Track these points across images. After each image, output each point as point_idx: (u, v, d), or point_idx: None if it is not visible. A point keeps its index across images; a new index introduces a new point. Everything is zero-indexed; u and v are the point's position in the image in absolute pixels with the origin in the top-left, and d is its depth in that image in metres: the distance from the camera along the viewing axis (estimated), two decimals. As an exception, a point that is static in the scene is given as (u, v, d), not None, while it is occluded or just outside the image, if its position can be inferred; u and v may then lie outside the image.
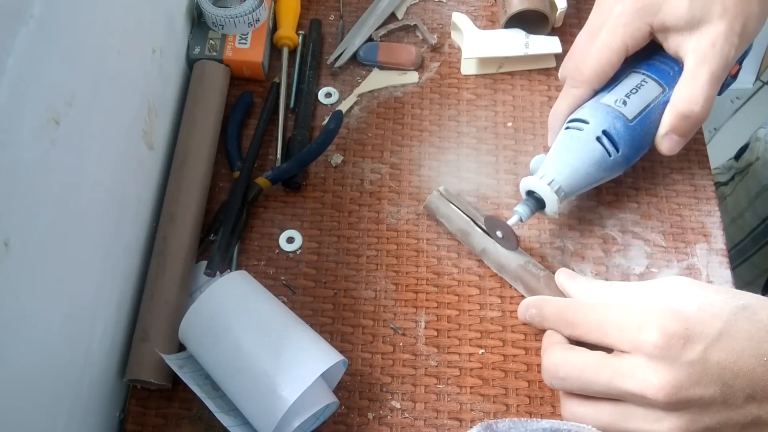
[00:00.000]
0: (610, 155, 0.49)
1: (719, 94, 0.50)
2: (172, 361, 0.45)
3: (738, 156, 0.81)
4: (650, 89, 0.50)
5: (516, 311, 0.49)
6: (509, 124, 0.59)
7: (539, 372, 0.48)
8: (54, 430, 0.40)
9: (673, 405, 0.37)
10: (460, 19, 0.61)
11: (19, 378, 0.36)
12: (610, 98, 0.50)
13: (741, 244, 0.80)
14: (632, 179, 0.55)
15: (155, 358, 0.46)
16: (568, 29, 0.62)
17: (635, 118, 0.49)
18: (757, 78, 1.60)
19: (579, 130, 0.50)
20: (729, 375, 0.37)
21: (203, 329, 0.44)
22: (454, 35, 0.63)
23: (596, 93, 0.52)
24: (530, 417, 0.47)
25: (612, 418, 0.40)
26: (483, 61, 0.61)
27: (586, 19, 0.53)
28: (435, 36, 0.62)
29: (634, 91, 0.50)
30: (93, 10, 0.41)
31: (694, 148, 0.57)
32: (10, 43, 0.33)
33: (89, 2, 0.41)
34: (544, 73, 0.61)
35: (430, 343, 0.50)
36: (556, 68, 0.60)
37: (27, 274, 0.36)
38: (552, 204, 0.49)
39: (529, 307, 0.47)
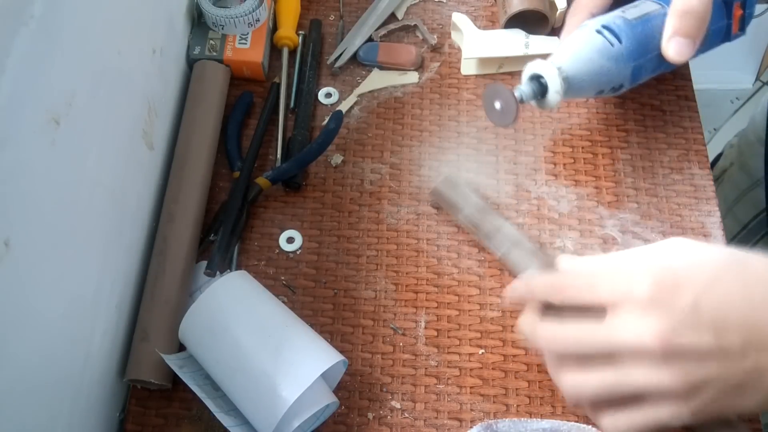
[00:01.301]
0: (612, 45, 0.49)
1: (728, 40, 0.49)
2: (172, 361, 0.45)
3: (712, 165, 0.81)
4: (648, 5, 0.52)
5: (517, 311, 0.49)
6: (509, 124, 0.59)
7: (539, 372, 0.48)
8: (54, 430, 0.40)
9: (670, 353, 0.37)
10: (460, 19, 0.61)
11: (19, 378, 0.36)
12: (608, 13, 0.52)
13: None
14: (632, 179, 0.56)
15: (155, 358, 0.46)
16: (568, 29, 0.62)
17: (635, 19, 0.50)
18: (757, 78, 1.59)
19: (580, 29, 0.51)
20: (722, 322, 0.37)
21: (203, 329, 0.44)
22: (454, 35, 0.63)
23: None
24: (530, 417, 0.47)
25: (614, 378, 0.40)
26: (483, 61, 0.61)
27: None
28: (435, 36, 0.62)
29: (632, 6, 0.52)
30: (93, 10, 0.42)
31: (693, 148, 0.57)
32: (10, 43, 0.33)
33: (89, 2, 0.41)
34: (544, 73, 0.61)
35: (430, 343, 0.50)
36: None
37: (27, 274, 0.36)
38: (554, 84, 0.48)
39: (517, 288, 0.46)
